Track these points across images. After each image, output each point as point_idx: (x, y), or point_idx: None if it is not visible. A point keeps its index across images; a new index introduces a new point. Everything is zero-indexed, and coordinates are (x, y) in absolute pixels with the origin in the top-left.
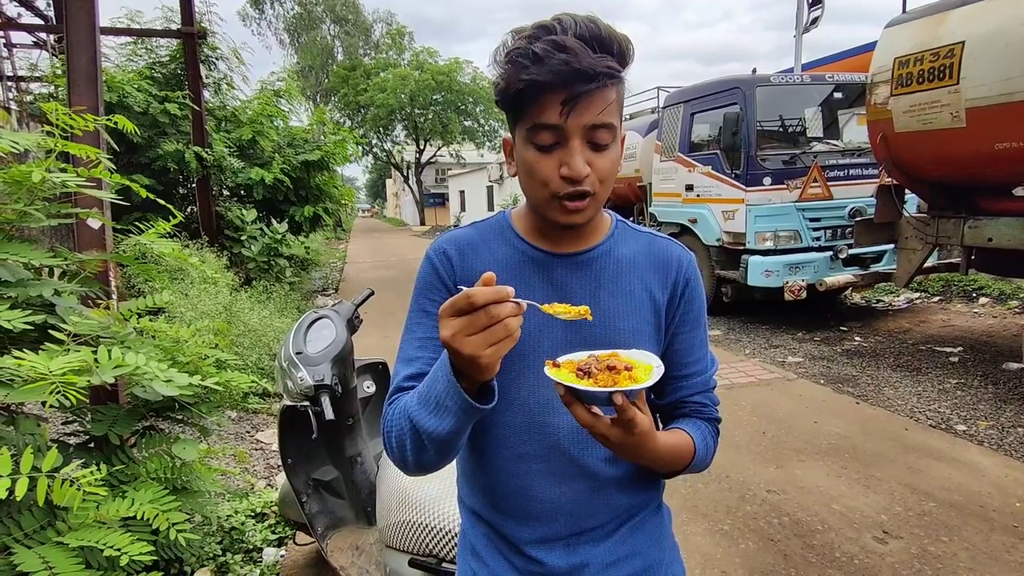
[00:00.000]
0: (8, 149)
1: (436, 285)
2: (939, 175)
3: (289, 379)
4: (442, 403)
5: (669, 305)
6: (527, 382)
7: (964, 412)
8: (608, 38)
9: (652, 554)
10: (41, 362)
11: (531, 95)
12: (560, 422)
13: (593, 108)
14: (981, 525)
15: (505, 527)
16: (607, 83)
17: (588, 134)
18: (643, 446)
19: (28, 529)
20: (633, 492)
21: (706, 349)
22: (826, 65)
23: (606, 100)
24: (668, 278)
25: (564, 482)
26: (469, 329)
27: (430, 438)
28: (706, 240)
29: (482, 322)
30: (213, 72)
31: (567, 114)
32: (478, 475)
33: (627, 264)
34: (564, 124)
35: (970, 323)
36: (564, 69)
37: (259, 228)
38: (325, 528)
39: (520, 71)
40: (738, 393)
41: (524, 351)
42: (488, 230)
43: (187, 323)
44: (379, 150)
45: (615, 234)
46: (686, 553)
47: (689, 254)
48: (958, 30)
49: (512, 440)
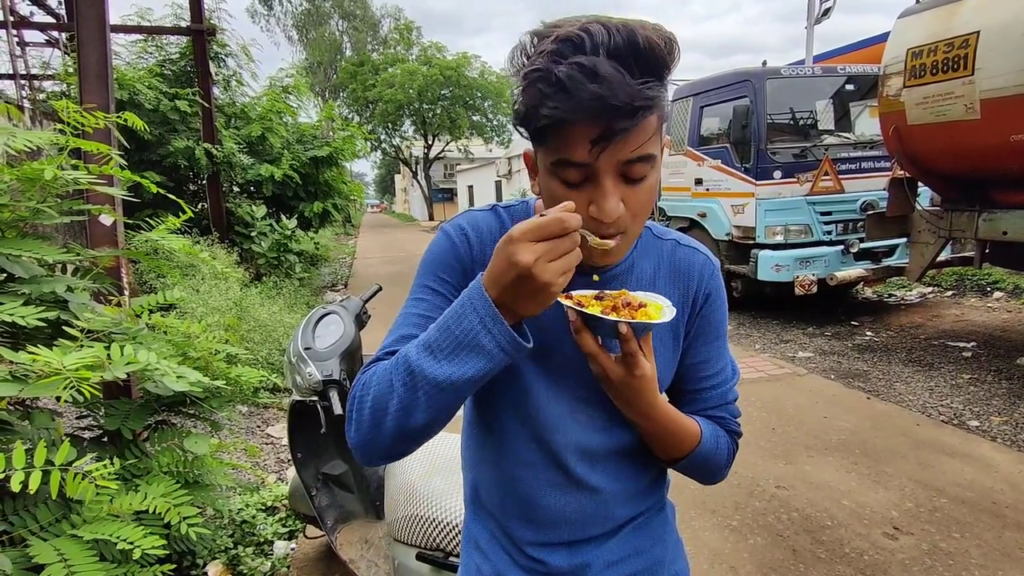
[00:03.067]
0: (22, 147)
1: (451, 263)
2: (953, 168)
3: (298, 374)
4: (470, 343)
5: (689, 318)
6: (535, 399)
7: (977, 408)
8: (649, 51)
9: (655, 552)
10: (55, 358)
11: (556, 129)
12: (565, 440)
13: (630, 144)
14: (994, 522)
15: (509, 526)
16: (648, 113)
17: (623, 168)
18: (642, 394)
19: (44, 521)
20: (637, 503)
21: (726, 360)
22: (837, 57)
23: (647, 132)
24: (689, 290)
25: (568, 494)
26: (552, 254)
27: (439, 388)
28: (715, 234)
29: (565, 247)
30: (222, 69)
31: (599, 153)
32: (485, 472)
33: (648, 281)
34: (595, 164)
35: (984, 318)
36: (596, 105)
37: (269, 224)
38: (334, 522)
39: (542, 100)
40: (748, 388)
41: (536, 362)
42: (512, 220)
43: (198, 319)
44: (388, 146)
45: (638, 246)
46: (694, 549)
47: (713, 264)
48: (972, 20)
49: (519, 449)
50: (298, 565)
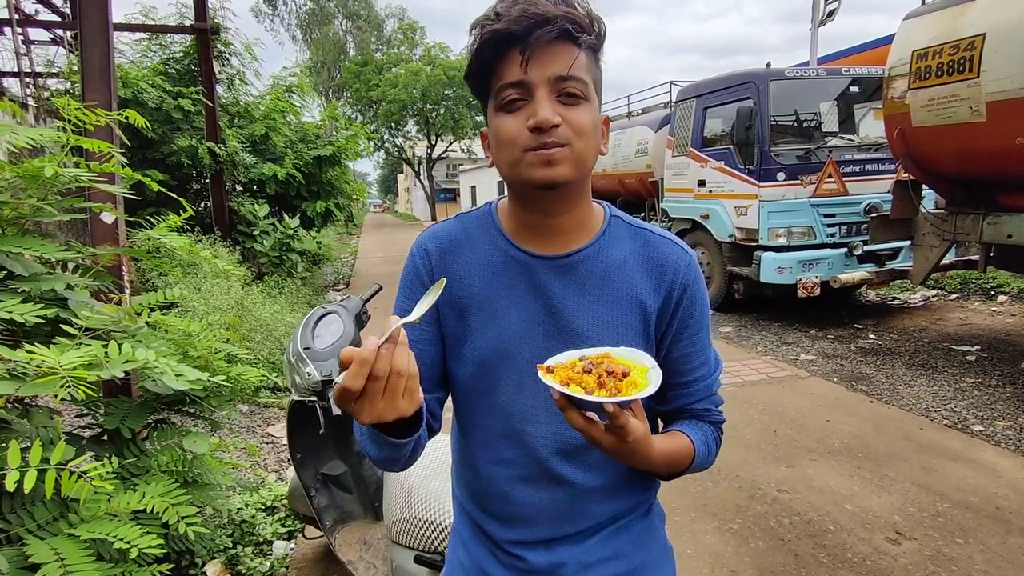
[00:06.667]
0: (24, 144)
1: (415, 283)
2: (958, 170)
3: (297, 374)
4: (372, 440)
5: (662, 312)
6: (506, 389)
7: (981, 412)
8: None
9: (636, 557)
10: (52, 356)
11: (492, 55)
12: (538, 431)
13: (558, 59)
14: (998, 527)
15: (487, 525)
16: (571, 37)
17: (556, 86)
18: (637, 453)
19: (41, 520)
20: (617, 500)
21: (708, 353)
22: (842, 59)
23: (571, 53)
24: (662, 283)
25: (542, 489)
26: (369, 400)
27: (378, 454)
28: (718, 236)
29: (376, 388)
30: (226, 68)
31: (527, 63)
32: (464, 474)
33: (617, 267)
34: (527, 77)
35: (988, 321)
36: (521, 16)
37: (271, 223)
38: (333, 522)
39: (481, 37)
40: (749, 391)
41: (506, 356)
42: (472, 224)
43: (199, 317)
44: (391, 145)
45: (607, 232)
46: (695, 552)
47: (688, 255)
48: (979, 22)
49: (493, 445)
50: (297, 565)
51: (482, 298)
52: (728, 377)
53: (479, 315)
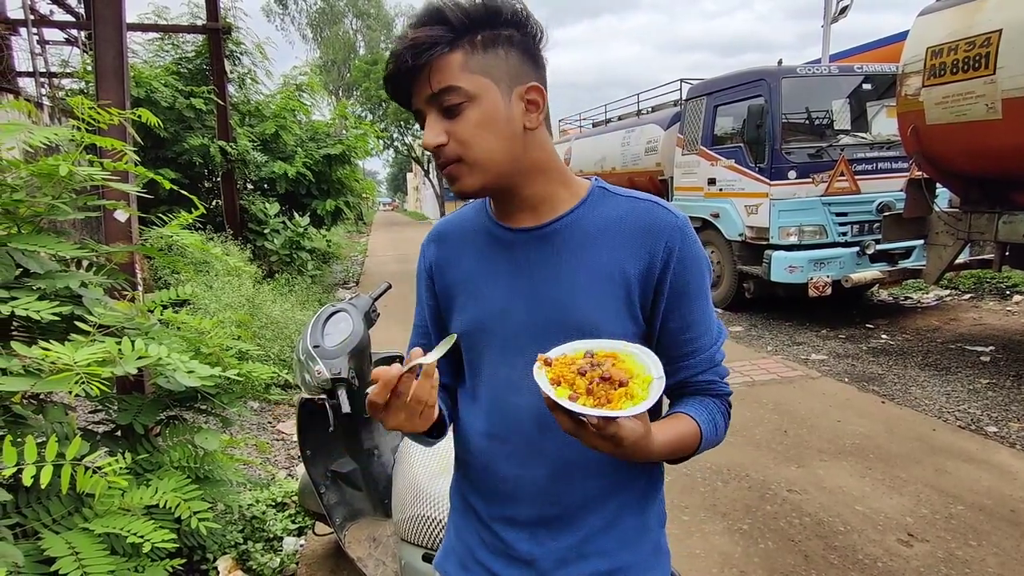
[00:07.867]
0: (39, 143)
1: (422, 276)
2: (972, 169)
3: (306, 372)
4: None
5: (646, 277)
6: (490, 360)
7: (995, 413)
8: (443, 8)
9: (622, 557)
10: (66, 353)
11: (394, 94)
12: (522, 401)
13: (433, 80)
14: (1012, 530)
15: (473, 499)
16: (426, 55)
17: (435, 103)
18: (636, 454)
19: (56, 515)
20: (601, 477)
21: (710, 322)
22: (854, 56)
23: (442, 68)
24: (646, 247)
25: (524, 463)
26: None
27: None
28: (728, 235)
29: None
30: (237, 67)
31: (408, 94)
32: (458, 451)
33: (594, 233)
34: (416, 106)
35: (1003, 321)
36: (396, 54)
37: (282, 221)
38: (343, 519)
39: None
40: (759, 391)
41: (487, 330)
42: (470, 210)
43: (211, 315)
44: (400, 144)
45: (588, 201)
46: (704, 552)
47: (678, 217)
48: (995, 17)
49: (480, 417)
50: (307, 561)
51: (467, 277)
52: (738, 377)
53: (463, 293)
